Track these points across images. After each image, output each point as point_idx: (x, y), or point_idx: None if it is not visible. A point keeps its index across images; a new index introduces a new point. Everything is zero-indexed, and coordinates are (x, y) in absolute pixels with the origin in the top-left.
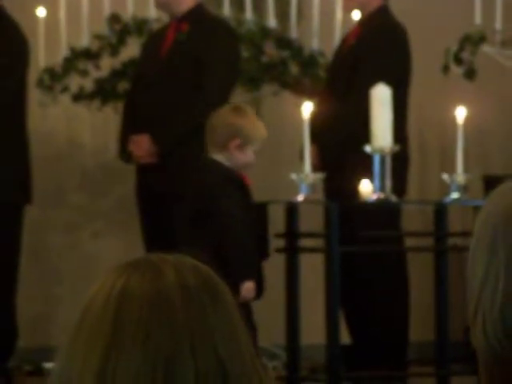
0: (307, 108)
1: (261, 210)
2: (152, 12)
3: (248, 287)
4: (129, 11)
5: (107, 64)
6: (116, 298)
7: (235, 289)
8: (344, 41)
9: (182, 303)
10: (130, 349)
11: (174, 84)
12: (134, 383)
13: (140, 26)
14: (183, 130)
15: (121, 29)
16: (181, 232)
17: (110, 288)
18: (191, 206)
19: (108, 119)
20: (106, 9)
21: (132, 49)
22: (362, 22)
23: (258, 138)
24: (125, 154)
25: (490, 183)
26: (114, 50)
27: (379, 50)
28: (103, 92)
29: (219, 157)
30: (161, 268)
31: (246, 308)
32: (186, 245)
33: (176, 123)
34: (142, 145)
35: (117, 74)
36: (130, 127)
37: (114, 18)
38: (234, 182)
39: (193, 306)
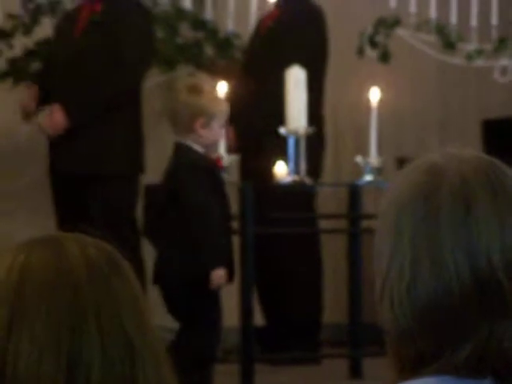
0: (222, 88)
1: None
2: None
3: (219, 274)
4: None
5: (20, 43)
6: (18, 270)
7: (207, 275)
8: (261, 23)
9: (86, 275)
10: (33, 321)
11: (89, 64)
12: (38, 355)
13: (53, 5)
14: (95, 105)
15: (34, 8)
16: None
17: (12, 262)
18: (162, 193)
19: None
20: None
21: (45, 28)
22: (279, 4)
23: (220, 111)
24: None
25: (404, 165)
26: (27, 30)
27: (296, 33)
28: (16, 71)
29: (188, 140)
30: (63, 242)
31: (215, 295)
32: (154, 230)
33: (88, 97)
34: (53, 115)
35: (30, 54)
36: (40, 106)
37: None
38: (204, 167)
39: (97, 278)
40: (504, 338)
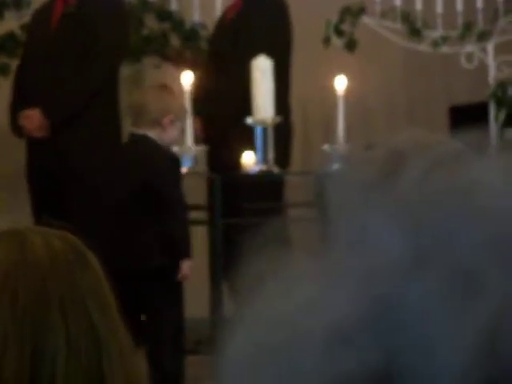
0: (188, 79)
1: None
2: None
3: (188, 265)
4: None
5: None
6: None
7: (177, 266)
8: (225, 14)
9: (49, 265)
10: None
11: (65, 57)
12: (1, 345)
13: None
14: (74, 102)
15: None
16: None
17: None
18: (131, 181)
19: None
20: None
21: (9, 23)
22: None
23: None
24: (16, 128)
25: None
26: None
27: (260, 23)
28: None
29: (151, 133)
30: (27, 235)
31: (180, 285)
32: (121, 219)
33: (66, 95)
34: (33, 119)
35: None
36: (20, 102)
37: None
38: (175, 159)
39: (60, 268)
40: None
